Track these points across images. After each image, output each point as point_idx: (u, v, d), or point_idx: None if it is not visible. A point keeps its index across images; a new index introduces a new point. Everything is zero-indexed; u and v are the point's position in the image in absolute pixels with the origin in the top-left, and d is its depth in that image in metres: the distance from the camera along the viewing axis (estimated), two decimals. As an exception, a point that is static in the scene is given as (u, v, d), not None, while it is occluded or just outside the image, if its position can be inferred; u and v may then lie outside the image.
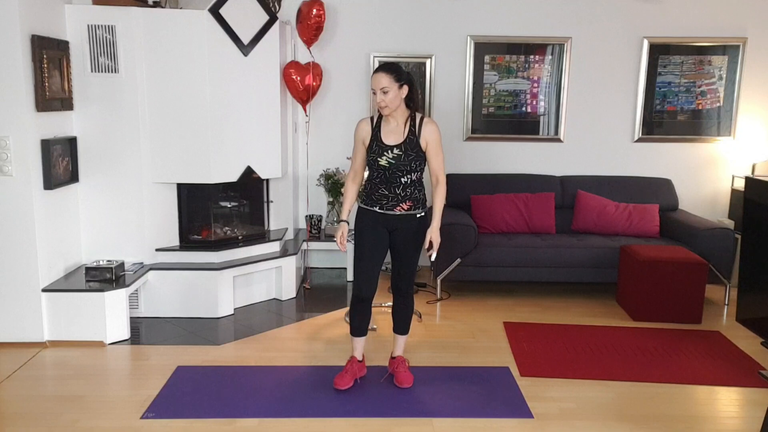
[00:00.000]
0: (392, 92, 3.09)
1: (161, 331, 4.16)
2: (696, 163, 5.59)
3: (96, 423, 3.00)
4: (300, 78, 4.86)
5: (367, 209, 3.28)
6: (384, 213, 3.24)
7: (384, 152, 3.17)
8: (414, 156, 3.17)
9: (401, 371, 3.40)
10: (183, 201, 4.50)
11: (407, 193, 3.22)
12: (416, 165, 3.19)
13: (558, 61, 5.43)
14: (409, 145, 3.17)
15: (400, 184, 3.21)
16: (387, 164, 3.17)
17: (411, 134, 3.18)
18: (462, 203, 5.30)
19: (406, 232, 3.26)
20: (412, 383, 3.37)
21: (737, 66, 5.42)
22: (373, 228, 3.26)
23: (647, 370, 3.66)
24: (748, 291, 4.35)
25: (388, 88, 3.08)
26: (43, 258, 3.87)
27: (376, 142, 3.21)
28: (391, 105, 3.11)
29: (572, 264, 4.76)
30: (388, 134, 3.20)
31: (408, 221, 3.25)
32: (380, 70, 3.11)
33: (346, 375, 3.36)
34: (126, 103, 4.20)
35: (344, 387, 3.32)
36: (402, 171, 3.18)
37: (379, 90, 3.08)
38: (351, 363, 3.41)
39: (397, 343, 3.49)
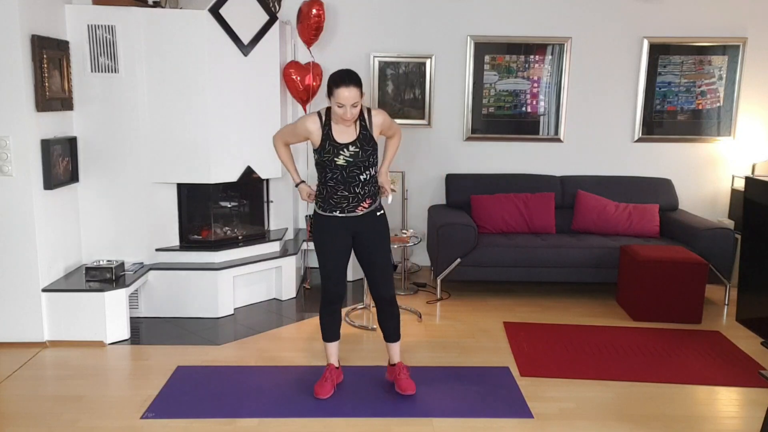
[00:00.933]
0: (359, 104, 3.00)
1: (161, 331, 4.16)
2: (696, 163, 5.59)
3: (96, 423, 3.01)
4: (300, 78, 4.87)
5: (325, 216, 3.17)
6: (345, 216, 3.14)
7: (340, 151, 3.05)
8: (371, 150, 3.10)
9: (402, 378, 3.30)
10: (183, 201, 4.49)
11: (366, 190, 3.13)
12: (374, 159, 3.13)
13: (558, 61, 5.43)
14: (364, 140, 3.08)
15: (359, 183, 3.10)
16: (345, 163, 3.06)
17: (363, 129, 3.10)
18: (462, 203, 5.30)
19: (370, 232, 3.18)
20: (414, 390, 3.27)
21: (737, 66, 5.42)
22: (335, 235, 3.17)
23: (647, 370, 3.66)
24: (748, 291, 4.36)
25: (358, 102, 2.97)
26: (43, 258, 3.87)
27: (328, 141, 3.06)
28: (356, 116, 3.03)
29: (572, 264, 4.76)
30: (340, 133, 3.07)
31: (370, 220, 3.18)
32: (351, 84, 2.94)
33: (326, 383, 3.27)
34: (126, 103, 4.20)
35: (326, 396, 3.23)
36: (360, 168, 3.08)
37: (349, 105, 2.95)
38: (329, 370, 3.32)
39: (392, 350, 3.37)
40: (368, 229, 3.19)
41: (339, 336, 3.37)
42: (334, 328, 3.33)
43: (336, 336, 3.35)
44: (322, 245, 3.21)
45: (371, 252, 3.21)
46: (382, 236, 3.23)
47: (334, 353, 3.37)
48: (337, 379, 3.37)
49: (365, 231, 3.19)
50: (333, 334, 3.34)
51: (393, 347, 3.37)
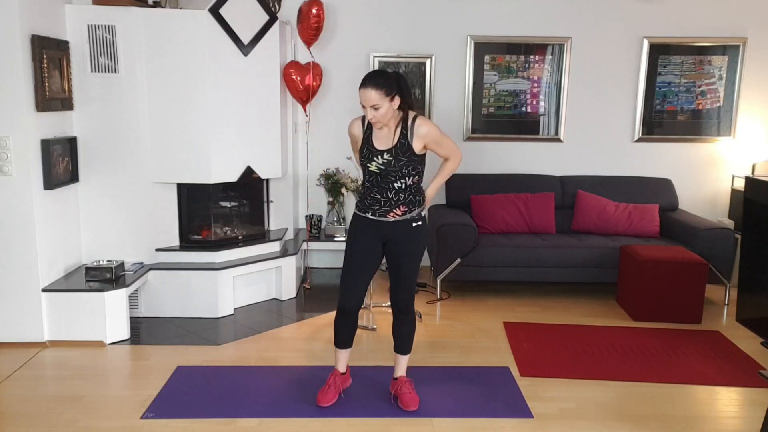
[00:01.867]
0: (384, 107, 2.85)
1: (161, 331, 4.16)
2: (696, 163, 5.59)
3: (96, 423, 3.00)
4: (300, 78, 4.87)
5: (360, 216, 3.09)
6: (377, 220, 3.03)
7: (374, 157, 2.97)
8: (405, 161, 2.94)
9: (406, 393, 3.18)
10: (183, 201, 4.49)
11: (401, 197, 3.00)
12: (408, 170, 2.97)
13: (558, 61, 5.43)
14: (399, 149, 2.94)
15: (392, 189, 2.99)
16: (377, 170, 2.97)
17: (402, 138, 2.94)
18: (462, 203, 5.30)
19: (401, 241, 3.05)
20: (417, 406, 3.15)
21: (737, 66, 5.42)
22: (365, 238, 3.07)
23: (647, 370, 3.66)
24: (748, 291, 4.36)
25: (378, 104, 2.84)
26: (43, 258, 3.87)
27: (366, 145, 3.00)
28: (382, 120, 2.89)
29: (572, 264, 4.76)
30: (379, 138, 2.98)
31: (403, 229, 3.04)
32: (368, 85, 2.83)
33: (329, 390, 3.18)
34: (126, 103, 4.20)
35: (327, 404, 3.14)
36: (394, 176, 2.97)
37: (369, 107, 2.85)
38: (333, 376, 3.23)
39: (399, 363, 3.26)
40: (400, 239, 3.05)
41: (351, 344, 3.24)
42: (348, 336, 3.21)
43: (347, 344, 3.23)
44: (350, 247, 3.11)
45: (399, 260, 3.09)
46: (413, 248, 3.08)
47: (343, 360, 3.26)
48: (344, 385, 3.28)
49: (397, 240, 3.06)
50: (345, 342, 3.22)
51: (399, 359, 3.26)
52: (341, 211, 5.45)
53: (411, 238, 3.06)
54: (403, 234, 3.05)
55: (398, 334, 3.23)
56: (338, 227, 5.37)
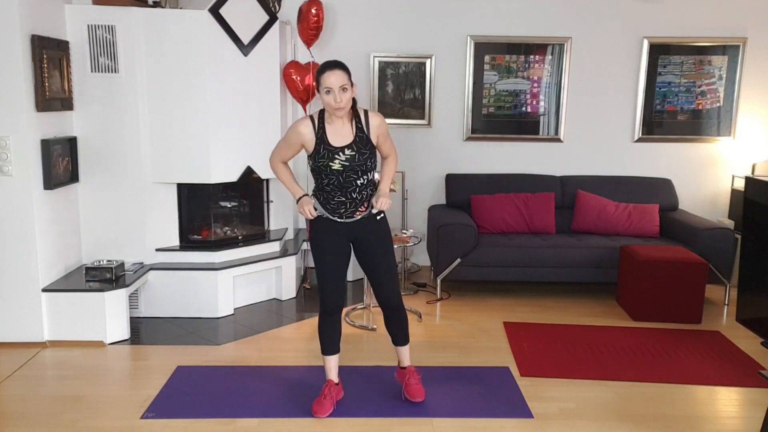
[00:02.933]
0: (350, 91, 2.86)
1: (161, 331, 4.16)
2: (696, 163, 5.59)
3: (96, 423, 3.00)
4: (300, 78, 4.86)
5: (324, 219, 3.04)
6: (343, 222, 3.02)
7: (335, 155, 2.92)
8: (368, 153, 2.96)
9: (413, 384, 3.20)
10: (183, 201, 4.50)
11: (364, 195, 3.01)
12: (371, 163, 2.99)
13: (558, 61, 5.43)
14: (360, 143, 2.95)
15: (356, 188, 2.97)
16: (341, 167, 2.92)
17: (359, 131, 2.95)
18: (462, 203, 5.30)
19: (369, 236, 3.06)
20: (423, 397, 3.18)
21: (737, 66, 5.42)
22: (333, 239, 3.05)
23: (647, 370, 3.66)
24: (748, 291, 4.36)
25: (347, 86, 2.84)
26: (43, 258, 3.87)
27: (323, 145, 2.93)
28: (347, 105, 2.87)
29: (572, 264, 4.76)
30: (334, 136, 2.94)
31: (369, 224, 3.05)
32: (335, 68, 2.84)
33: (325, 401, 3.10)
34: (126, 103, 4.20)
35: (324, 414, 3.06)
36: (357, 172, 2.95)
37: (338, 88, 2.81)
38: (328, 387, 3.15)
39: (401, 354, 3.28)
40: (368, 234, 3.07)
41: (339, 349, 3.20)
42: (334, 340, 3.16)
43: (335, 349, 3.18)
44: (320, 251, 3.08)
45: (373, 257, 3.09)
46: (383, 240, 3.10)
47: (334, 368, 3.19)
48: (337, 396, 3.18)
49: (365, 235, 3.07)
50: (332, 347, 3.17)
51: (401, 350, 3.27)
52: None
53: (379, 233, 3.10)
54: (370, 228, 3.07)
55: (393, 329, 3.24)
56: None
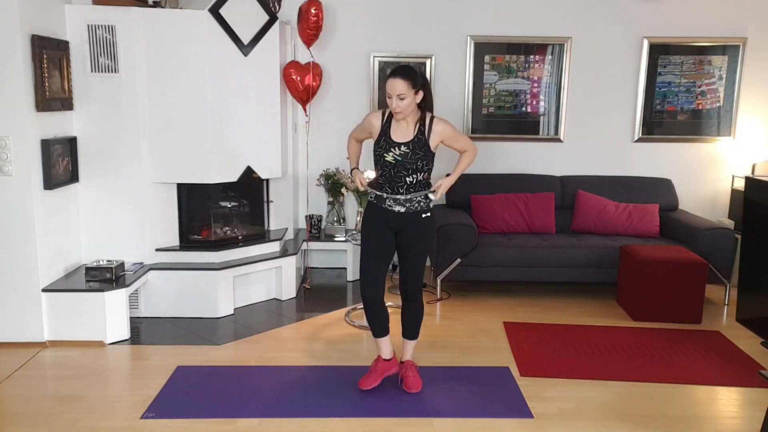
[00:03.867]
0: (408, 98, 3.05)
1: (161, 331, 4.16)
2: (696, 163, 5.59)
3: (96, 423, 3.01)
4: (300, 78, 4.86)
5: (375, 204, 3.25)
6: (390, 210, 3.19)
7: (391, 148, 3.13)
8: (421, 155, 3.13)
9: (410, 376, 3.34)
10: (183, 201, 4.50)
11: (410, 192, 3.18)
12: (422, 165, 3.15)
13: (558, 61, 5.43)
14: (416, 144, 3.13)
15: (404, 184, 3.16)
16: (393, 160, 3.13)
17: (420, 134, 3.14)
18: (462, 203, 5.30)
19: (411, 232, 3.21)
20: (420, 388, 3.32)
21: (737, 66, 5.42)
22: (378, 228, 3.23)
23: (647, 370, 3.66)
24: (748, 291, 4.35)
25: (404, 95, 3.04)
26: (43, 258, 3.87)
27: (384, 137, 3.17)
28: (405, 111, 3.08)
29: (572, 264, 4.76)
30: (397, 131, 3.16)
31: (413, 221, 3.20)
32: (397, 76, 3.05)
33: (371, 375, 3.34)
34: (126, 103, 4.20)
35: (368, 387, 3.30)
36: (407, 170, 3.13)
37: (395, 96, 3.04)
38: (376, 362, 3.39)
39: (406, 347, 3.43)
40: (410, 228, 3.22)
41: (387, 331, 3.36)
42: (380, 324, 3.34)
43: (383, 332, 3.35)
44: (366, 236, 3.27)
45: (409, 248, 3.25)
46: (424, 237, 3.24)
47: (384, 347, 3.39)
48: (389, 371, 3.39)
49: (408, 229, 3.22)
50: (380, 330, 3.35)
51: (407, 344, 3.43)
52: (341, 211, 5.45)
53: (420, 229, 3.23)
54: (414, 225, 3.21)
55: (406, 320, 3.39)
56: (338, 227, 5.38)
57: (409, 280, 3.30)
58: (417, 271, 3.29)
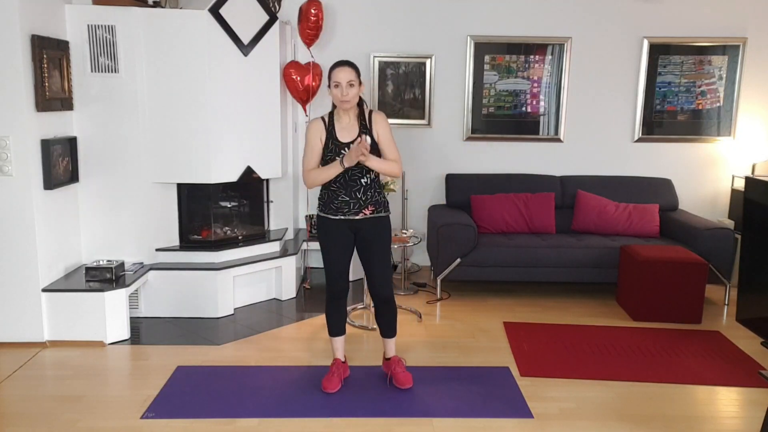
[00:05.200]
0: (356, 87, 3.10)
1: (161, 331, 4.16)
2: (696, 163, 5.59)
3: (96, 423, 3.01)
4: (300, 78, 4.87)
5: (327, 217, 3.24)
6: (347, 219, 3.20)
7: (341, 150, 3.14)
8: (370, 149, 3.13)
9: (399, 372, 3.37)
10: (183, 201, 4.50)
11: (368, 196, 3.20)
12: None
13: (558, 61, 5.43)
14: None
15: (360, 187, 3.18)
16: None
17: (363, 128, 3.17)
18: (462, 203, 5.30)
19: (371, 232, 3.24)
20: (412, 383, 3.35)
21: (737, 66, 5.42)
22: (337, 232, 3.24)
23: (647, 370, 3.66)
24: (748, 291, 4.35)
25: (354, 81, 3.09)
26: (43, 258, 3.87)
27: (332, 140, 3.17)
28: (353, 101, 3.11)
29: (572, 264, 4.76)
30: (342, 131, 3.17)
31: (372, 221, 3.23)
32: (345, 65, 3.11)
33: (333, 377, 3.34)
34: (126, 103, 4.20)
35: (333, 390, 3.30)
36: (361, 170, 3.16)
37: (346, 83, 3.07)
38: (335, 365, 3.40)
39: (387, 345, 3.46)
40: (369, 229, 3.25)
41: (344, 331, 3.45)
42: (340, 322, 3.41)
43: (341, 331, 3.43)
44: (325, 245, 3.29)
45: (371, 251, 3.27)
46: (382, 235, 3.28)
47: (340, 348, 3.44)
48: (344, 374, 3.42)
49: (366, 230, 3.25)
50: (339, 328, 3.42)
51: (388, 342, 3.45)
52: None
53: (379, 227, 3.27)
54: (372, 224, 3.25)
55: (383, 321, 3.41)
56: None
57: (377, 282, 3.28)
58: (384, 268, 3.28)
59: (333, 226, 3.24)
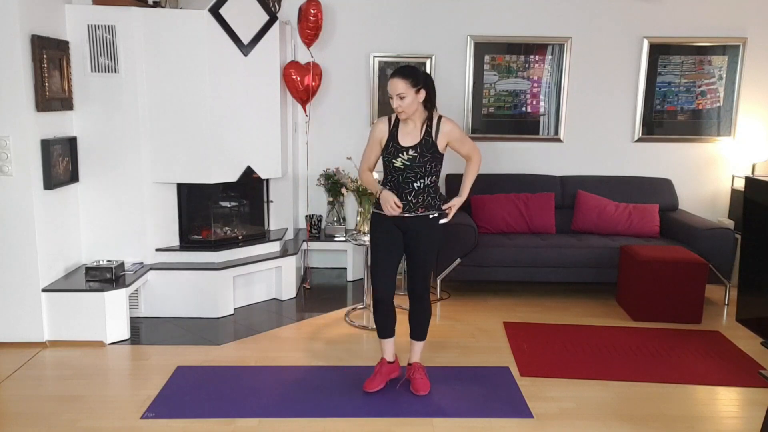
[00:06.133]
0: (409, 97, 3.05)
1: (161, 331, 4.16)
2: (696, 163, 5.59)
3: (96, 423, 3.01)
4: (300, 78, 4.87)
5: (380, 213, 3.24)
6: (398, 215, 3.19)
7: (399, 153, 3.14)
8: (429, 157, 3.14)
9: (418, 378, 3.33)
10: (183, 201, 4.50)
11: (419, 200, 3.18)
12: (431, 167, 3.16)
13: (558, 61, 5.43)
14: (425, 146, 3.14)
15: (412, 190, 3.16)
16: (402, 166, 3.14)
17: (427, 135, 3.15)
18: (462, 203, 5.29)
19: (418, 231, 3.22)
20: (428, 391, 3.30)
21: (737, 66, 5.42)
22: (387, 231, 3.24)
23: (647, 370, 3.66)
24: (748, 291, 4.36)
25: (404, 93, 3.05)
26: (43, 258, 3.87)
27: (392, 142, 3.17)
28: (407, 110, 3.08)
29: (572, 264, 4.76)
30: (404, 135, 3.16)
31: (421, 222, 3.21)
32: (396, 75, 3.07)
33: (376, 377, 3.32)
34: (126, 103, 4.20)
35: (372, 389, 3.29)
36: (416, 174, 3.15)
37: (395, 95, 3.06)
38: (380, 365, 3.38)
39: (414, 349, 3.41)
40: (418, 228, 3.22)
41: (393, 333, 3.38)
42: (387, 325, 3.35)
43: (388, 333, 3.37)
44: (374, 241, 3.28)
45: (415, 248, 3.24)
46: (431, 236, 3.24)
47: (388, 349, 3.39)
48: (392, 374, 3.40)
49: (415, 229, 3.22)
50: (386, 331, 3.36)
51: (415, 345, 3.41)
52: (341, 211, 5.45)
53: (428, 229, 3.24)
54: (421, 225, 3.23)
55: (414, 322, 3.38)
56: (338, 227, 5.38)
57: (416, 279, 3.29)
58: (424, 269, 3.28)
59: (383, 223, 3.23)
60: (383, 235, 3.25)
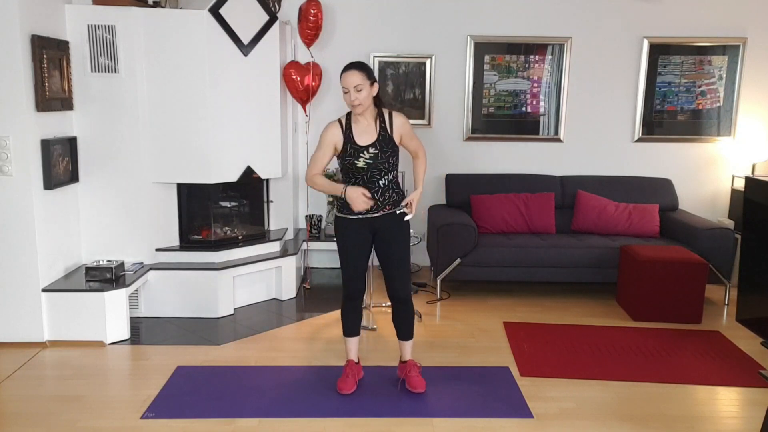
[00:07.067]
0: (365, 90, 3.05)
1: (161, 331, 4.16)
2: (696, 163, 5.59)
3: (96, 423, 3.01)
4: (300, 78, 4.87)
5: (345, 217, 3.22)
6: (365, 218, 3.18)
7: (360, 153, 3.12)
8: (390, 152, 3.14)
9: (413, 375, 3.33)
10: (183, 201, 4.50)
11: (386, 197, 3.17)
12: (393, 162, 3.16)
13: (558, 61, 5.43)
14: (383, 141, 3.13)
15: (378, 189, 3.15)
16: (365, 165, 3.11)
17: (383, 130, 3.15)
18: (462, 203, 5.30)
19: (389, 230, 3.21)
20: (424, 388, 3.30)
21: (737, 66, 5.42)
22: (355, 233, 3.22)
23: (647, 370, 3.66)
24: (748, 291, 4.35)
25: (361, 86, 3.04)
26: (43, 258, 3.87)
27: (350, 144, 3.13)
28: (364, 103, 3.07)
29: (572, 264, 4.76)
30: (360, 134, 3.14)
31: (391, 219, 3.21)
32: (352, 68, 3.07)
33: (348, 378, 3.32)
34: (126, 103, 4.20)
35: (349, 391, 3.28)
36: (380, 171, 3.14)
37: (352, 88, 3.04)
38: (349, 366, 3.38)
39: (404, 348, 3.41)
40: (388, 229, 3.22)
41: (359, 332, 3.42)
42: (355, 323, 3.38)
43: (356, 332, 3.40)
44: (343, 245, 3.26)
45: (388, 249, 3.24)
46: (401, 235, 3.24)
47: (354, 349, 3.42)
48: (358, 375, 3.40)
49: (385, 229, 3.22)
50: (353, 329, 3.38)
51: (404, 345, 3.41)
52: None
53: (399, 228, 3.24)
54: (390, 223, 3.22)
55: (400, 323, 3.38)
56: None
57: (396, 282, 3.25)
58: (402, 268, 3.26)
59: (352, 227, 3.21)
60: (353, 235, 3.21)
